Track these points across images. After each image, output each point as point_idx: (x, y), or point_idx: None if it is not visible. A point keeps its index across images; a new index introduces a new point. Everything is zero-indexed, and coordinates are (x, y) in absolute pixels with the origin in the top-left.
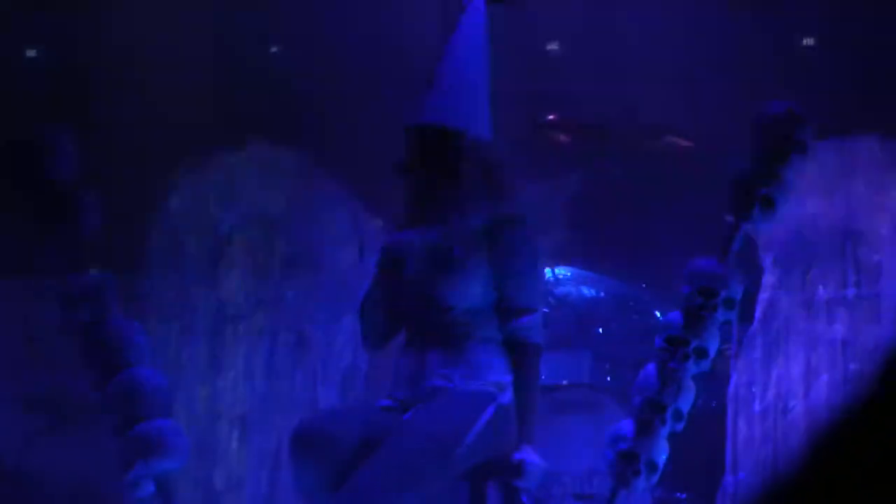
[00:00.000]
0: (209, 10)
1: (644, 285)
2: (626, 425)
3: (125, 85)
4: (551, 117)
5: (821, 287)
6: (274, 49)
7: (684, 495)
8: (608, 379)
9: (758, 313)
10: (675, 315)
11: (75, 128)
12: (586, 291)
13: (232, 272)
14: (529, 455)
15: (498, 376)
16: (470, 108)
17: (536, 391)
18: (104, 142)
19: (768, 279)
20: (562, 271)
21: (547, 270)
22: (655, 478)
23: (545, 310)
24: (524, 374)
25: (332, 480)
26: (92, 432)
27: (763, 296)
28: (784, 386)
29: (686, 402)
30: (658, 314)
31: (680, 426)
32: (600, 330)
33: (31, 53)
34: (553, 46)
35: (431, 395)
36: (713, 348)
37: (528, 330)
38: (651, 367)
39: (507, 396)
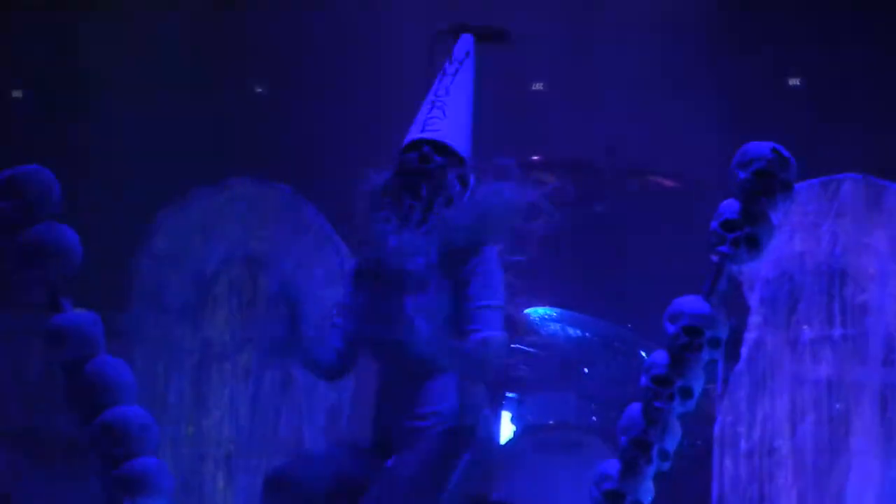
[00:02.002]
0: (193, 49)
1: (629, 325)
2: (612, 465)
3: (108, 123)
4: (536, 157)
5: (806, 326)
6: (259, 89)
7: None
8: (594, 419)
9: (743, 353)
10: (661, 354)
11: (57, 166)
12: (572, 332)
13: (217, 311)
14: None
15: (474, 408)
16: (465, 136)
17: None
18: (87, 180)
19: (754, 319)
20: (547, 312)
21: (532, 311)
22: None
23: (531, 350)
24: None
25: None
26: (77, 470)
27: (749, 335)
28: (770, 426)
29: (672, 441)
30: (643, 354)
31: (666, 466)
32: (586, 370)
33: (16, 94)
34: (538, 86)
35: (409, 436)
36: (698, 388)
37: (488, 347)
38: (636, 407)
39: (485, 429)
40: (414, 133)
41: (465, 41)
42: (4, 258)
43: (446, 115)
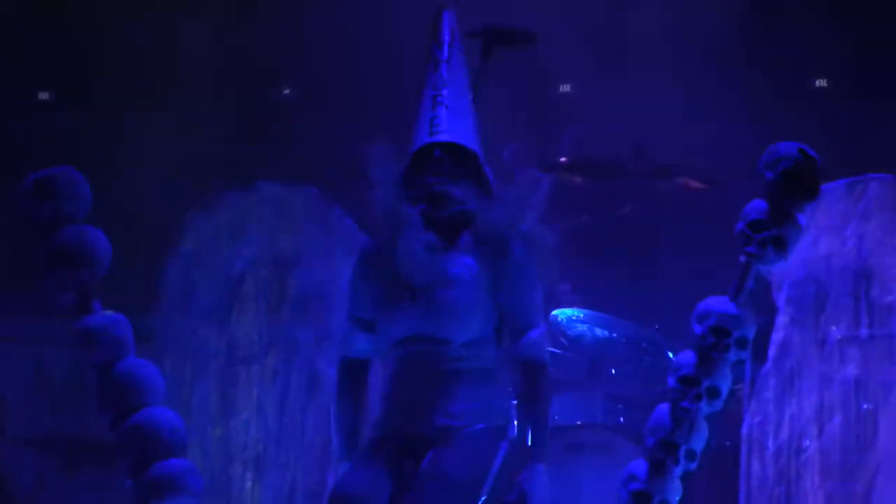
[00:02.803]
0: (222, 52)
1: (657, 326)
2: (640, 465)
3: (136, 125)
4: (563, 159)
5: (833, 327)
6: (287, 91)
7: None
8: (621, 419)
9: (771, 353)
10: (688, 355)
11: (86, 168)
12: (599, 332)
13: (244, 313)
14: (535, 479)
15: (503, 408)
16: (472, 126)
17: (546, 410)
18: (116, 183)
19: (781, 319)
20: (575, 312)
21: (560, 312)
22: None
23: (559, 351)
24: (534, 392)
25: None
26: (103, 476)
27: (776, 335)
28: (797, 426)
29: (699, 442)
30: (671, 354)
31: (693, 466)
32: (613, 371)
33: (43, 96)
34: (565, 88)
35: (441, 435)
36: (726, 388)
37: (533, 346)
38: (664, 408)
39: (514, 429)
40: (423, 136)
41: (448, 19)
42: (34, 260)
43: (450, 110)
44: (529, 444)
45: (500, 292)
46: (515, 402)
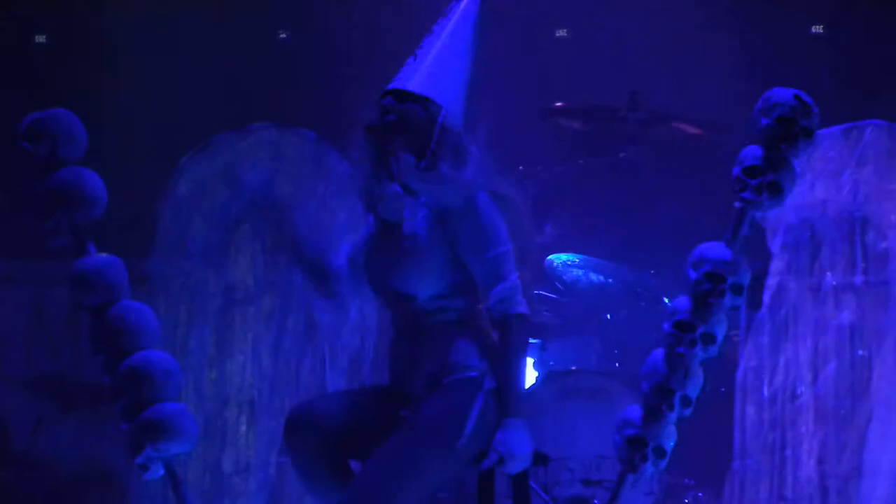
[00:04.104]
0: None
1: (652, 271)
2: (634, 411)
3: (131, 69)
4: (559, 104)
5: (829, 273)
6: (282, 34)
7: (692, 481)
8: (616, 365)
9: (766, 299)
10: (683, 300)
11: (81, 111)
12: (594, 278)
13: (240, 256)
14: (509, 437)
15: (477, 361)
16: (450, 89)
17: (517, 364)
18: (111, 125)
19: (776, 265)
20: (570, 258)
21: (555, 257)
22: (664, 463)
23: (554, 296)
24: (504, 345)
25: (320, 457)
26: (101, 416)
27: (771, 281)
28: (792, 372)
29: (694, 387)
30: (666, 300)
31: (688, 412)
32: (608, 316)
33: (39, 39)
34: (561, 33)
35: (423, 386)
36: (721, 334)
37: (504, 301)
38: (659, 353)
39: (494, 379)
40: (413, 82)
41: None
42: (30, 203)
43: (416, 61)
44: (502, 399)
45: (461, 249)
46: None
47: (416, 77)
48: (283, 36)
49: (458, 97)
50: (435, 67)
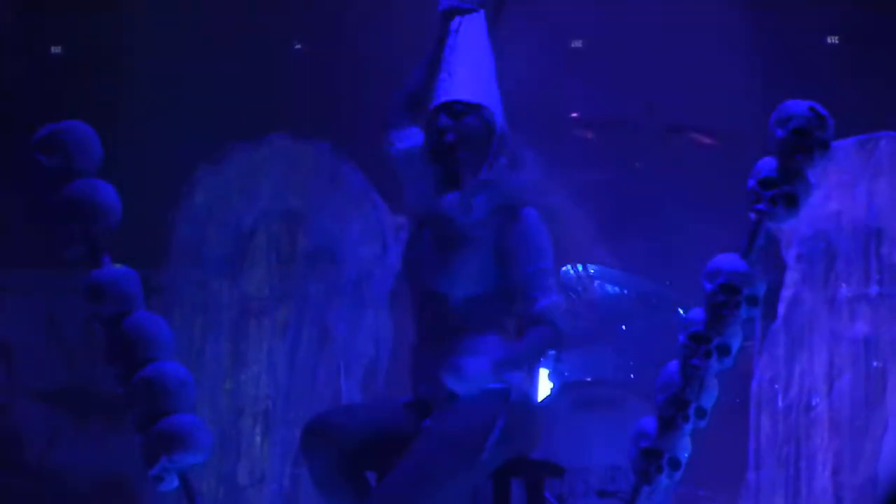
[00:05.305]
0: (232, 5)
1: (668, 282)
2: (649, 422)
3: (146, 80)
4: (575, 114)
5: (844, 285)
6: (297, 45)
7: (707, 492)
8: (631, 376)
9: (781, 310)
10: (698, 312)
11: (97, 122)
12: (610, 288)
13: (255, 267)
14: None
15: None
16: (494, 96)
17: (534, 355)
18: (127, 136)
19: (791, 276)
20: (586, 268)
21: (570, 267)
22: (678, 475)
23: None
24: (526, 343)
25: (339, 469)
26: (115, 427)
27: (786, 293)
28: (807, 383)
29: (709, 399)
30: (681, 311)
31: (703, 423)
32: (624, 327)
33: (55, 50)
34: (577, 44)
35: (446, 394)
36: (736, 345)
37: (547, 313)
38: (674, 364)
39: (520, 392)
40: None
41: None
42: (45, 213)
43: (452, 76)
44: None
45: (505, 255)
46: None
47: (464, 88)
48: (298, 46)
49: (501, 104)
50: (475, 77)
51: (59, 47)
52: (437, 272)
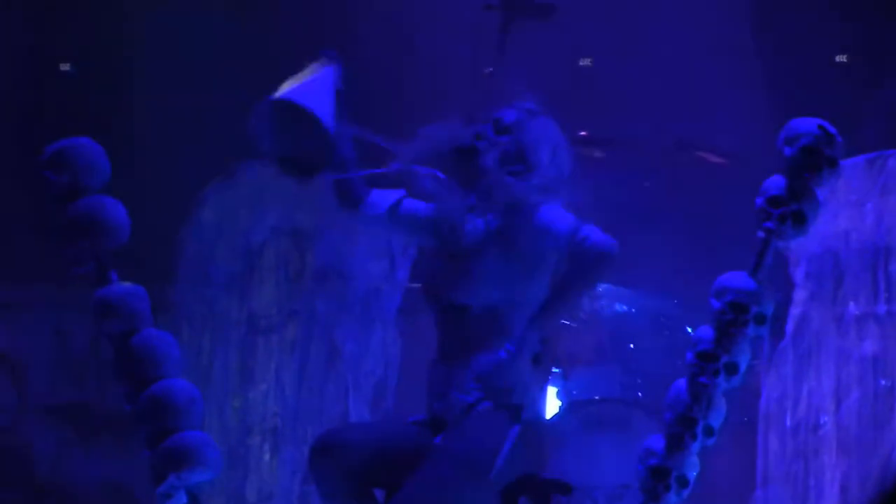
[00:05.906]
0: (243, 22)
1: (675, 301)
2: (657, 441)
3: (155, 97)
4: (583, 133)
5: (852, 303)
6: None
7: None
8: (639, 394)
9: (789, 329)
10: (706, 330)
11: (105, 139)
12: (618, 307)
13: (263, 284)
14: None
15: (523, 388)
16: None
17: (574, 293)
18: (136, 153)
19: (799, 294)
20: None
21: None
22: (686, 493)
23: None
24: (573, 272)
25: (347, 488)
26: (124, 444)
27: (794, 311)
28: (815, 401)
29: (717, 417)
30: (689, 329)
31: (711, 441)
32: (631, 345)
33: (64, 67)
34: (586, 62)
35: (458, 411)
36: (744, 364)
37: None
38: (682, 383)
39: (532, 411)
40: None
41: None
42: (53, 230)
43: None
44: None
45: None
46: None
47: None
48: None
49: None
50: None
51: (68, 64)
52: (454, 284)
